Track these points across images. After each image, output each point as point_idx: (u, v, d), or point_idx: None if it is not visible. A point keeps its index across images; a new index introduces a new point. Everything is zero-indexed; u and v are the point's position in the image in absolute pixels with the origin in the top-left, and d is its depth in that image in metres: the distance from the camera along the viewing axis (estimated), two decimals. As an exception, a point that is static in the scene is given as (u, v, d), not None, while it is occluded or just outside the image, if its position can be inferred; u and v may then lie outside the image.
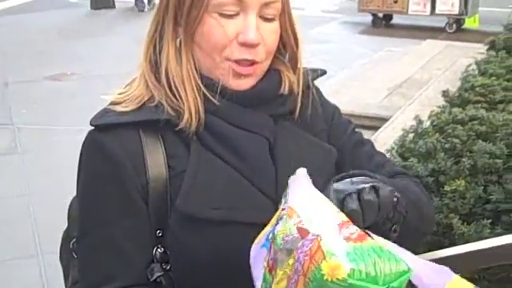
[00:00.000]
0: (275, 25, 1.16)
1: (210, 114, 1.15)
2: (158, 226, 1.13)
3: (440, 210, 2.33)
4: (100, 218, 1.15)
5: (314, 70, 1.33)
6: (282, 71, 1.22)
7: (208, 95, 1.14)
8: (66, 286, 1.35)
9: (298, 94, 1.24)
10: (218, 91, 1.14)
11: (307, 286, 0.90)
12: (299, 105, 1.25)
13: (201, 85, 1.15)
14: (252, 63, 1.14)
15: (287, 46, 1.22)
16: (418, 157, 2.54)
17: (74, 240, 1.26)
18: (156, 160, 1.14)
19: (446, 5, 10.74)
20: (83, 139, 1.21)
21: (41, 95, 7.43)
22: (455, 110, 2.83)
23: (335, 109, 1.37)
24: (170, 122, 1.14)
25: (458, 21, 10.94)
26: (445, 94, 3.35)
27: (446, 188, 2.33)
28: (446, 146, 2.49)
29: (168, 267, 1.14)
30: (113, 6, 12.82)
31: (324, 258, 0.87)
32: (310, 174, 1.05)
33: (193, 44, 1.15)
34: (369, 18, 11.85)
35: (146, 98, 1.17)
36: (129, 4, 12.79)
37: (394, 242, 1.07)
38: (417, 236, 1.28)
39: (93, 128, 1.17)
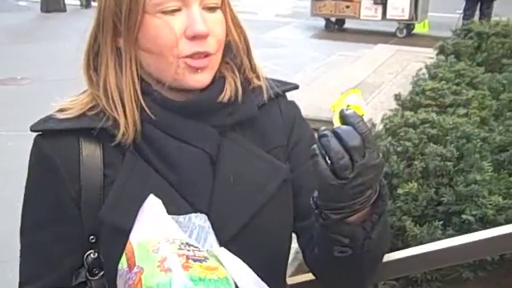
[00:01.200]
0: (219, 14, 1.14)
1: (149, 125, 1.14)
2: (92, 231, 1.14)
3: (393, 213, 2.37)
4: (33, 220, 1.18)
5: (285, 83, 1.30)
6: (227, 78, 1.19)
7: (147, 107, 1.13)
8: None
9: (250, 102, 1.21)
10: (158, 102, 1.13)
11: None
12: (254, 115, 1.22)
13: (140, 97, 1.13)
14: (206, 55, 1.12)
15: (233, 40, 1.19)
16: (371, 160, 2.57)
17: None
18: (92, 168, 1.14)
19: (396, 10, 10.97)
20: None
21: (-11, 100, 7.26)
22: (407, 113, 2.88)
23: (307, 131, 1.31)
24: (108, 131, 1.13)
25: (408, 26, 11.18)
26: (397, 97, 3.41)
27: (399, 191, 2.37)
28: (399, 149, 2.53)
29: (101, 273, 1.15)
30: (64, 10, 12.65)
31: None
32: (250, 190, 1.06)
33: (137, 50, 1.12)
34: (321, 23, 11.99)
35: (89, 106, 1.17)
36: (80, 7, 12.64)
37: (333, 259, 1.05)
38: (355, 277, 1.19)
39: (38, 133, 1.18)
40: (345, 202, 0.97)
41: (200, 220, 1.06)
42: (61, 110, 1.18)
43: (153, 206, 1.02)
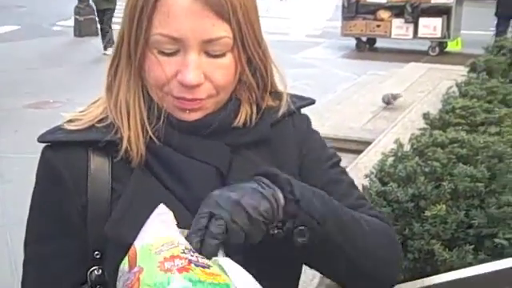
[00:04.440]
0: (225, 60, 1.08)
1: (157, 141, 1.12)
2: (96, 247, 1.12)
3: (421, 237, 2.27)
4: (37, 232, 1.17)
5: (302, 98, 1.28)
6: (243, 101, 1.16)
7: (153, 124, 1.13)
8: None
9: (263, 123, 1.19)
10: (164, 121, 1.12)
11: None
12: (267, 136, 1.20)
13: (145, 118, 1.13)
14: (196, 100, 1.09)
15: (246, 77, 1.15)
16: (397, 181, 2.48)
17: None
18: (100, 181, 1.12)
19: (428, 28, 10.86)
20: None
21: (22, 123, 7.36)
22: (436, 132, 2.78)
23: (317, 141, 1.29)
24: (116, 144, 1.12)
25: (440, 44, 11.06)
26: (425, 116, 3.31)
27: (427, 213, 2.27)
28: (426, 169, 2.43)
29: None
30: (96, 34, 12.83)
31: None
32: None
33: (142, 76, 1.13)
34: (352, 42, 11.94)
35: (99, 118, 1.16)
36: (113, 32, 12.81)
37: (303, 248, 1.04)
38: (346, 264, 1.14)
39: (46, 144, 1.16)
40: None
41: None
42: (70, 121, 1.17)
43: (161, 214, 1.01)
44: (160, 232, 0.98)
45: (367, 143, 4.95)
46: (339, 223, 1.09)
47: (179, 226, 1.01)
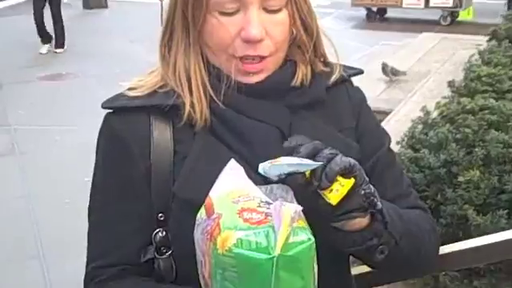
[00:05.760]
0: (281, 15, 1.12)
1: (220, 104, 1.14)
2: (161, 209, 1.14)
3: (454, 202, 2.30)
4: (103, 197, 1.19)
5: (351, 68, 1.29)
6: (298, 62, 1.19)
7: (215, 89, 1.15)
8: None
9: (318, 85, 1.21)
10: (228, 84, 1.14)
11: (211, 265, 0.90)
12: (323, 97, 1.21)
13: (206, 78, 1.15)
14: (260, 60, 1.12)
15: (299, 36, 1.18)
16: (429, 148, 2.50)
17: None
18: (162, 144, 1.15)
19: (440, -3, 10.76)
20: (80, 138, 1.22)
21: (36, 95, 7.38)
22: (463, 99, 2.79)
23: (372, 119, 1.31)
24: (179, 109, 1.14)
25: (452, 13, 10.95)
26: (451, 84, 3.31)
27: (460, 179, 2.30)
28: (458, 136, 2.46)
29: (169, 252, 1.15)
30: (105, 6, 12.77)
31: (219, 233, 0.88)
32: None
33: (201, 42, 1.15)
34: (362, 13, 11.84)
35: (159, 85, 1.18)
36: (122, 4, 12.75)
37: (380, 265, 1.09)
38: (408, 271, 1.26)
39: (109, 111, 1.19)
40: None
41: (282, 191, 1.03)
42: (131, 88, 1.19)
43: (234, 168, 1.03)
44: (235, 184, 0.99)
45: (383, 113, 4.96)
46: (410, 238, 1.14)
47: None
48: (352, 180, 0.99)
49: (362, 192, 1.01)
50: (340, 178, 0.98)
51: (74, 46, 9.46)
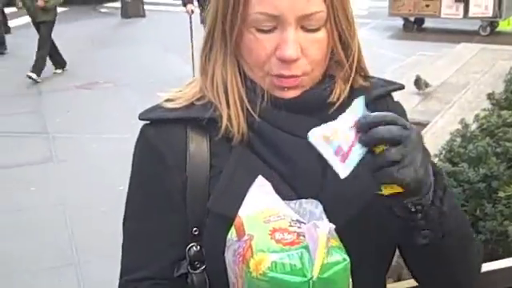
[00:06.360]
0: (320, 34, 1.10)
1: (257, 118, 1.13)
2: (195, 223, 1.13)
3: (494, 217, 2.24)
4: (138, 209, 1.19)
5: (392, 83, 1.27)
6: (337, 78, 1.17)
7: (252, 102, 1.14)
8: None
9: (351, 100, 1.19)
10: (265, 99, 1.13)
11: (244, 287, 0.89)
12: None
13: (242, 90, 1.14)
14: (295, 77, 1.11)
15: (337, 55, 1.15)
16: (467, 162, 2.45)
17: None
18: (199, 158, 1.14)
19: (479, 7, 10.61)
20: (116, 147, 1.22)
21: (74, 104, 7.50)
22: (504, 112, 2.73)
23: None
24: (216, 122, 1.13)
25: (491, 23, 10.79)
26: (490, 96, 3.25)
27: (500, 194, 2.24)
28: (498, 150, 2.40)
29: (203, 266, 1.14)
30: (143, 15, 12.93)
31: (252, 256, 0.87)
32: (360, 184, 1.03)
33: (239, 56, 1.14)
34: (399, 23, 11.75)
35: (197, 97, 1.18)
36: (159, 13, 12.89)
37: (420, 255, 1.06)
38: (451, 280, 1.18)
39: (146, 122, 1.19)
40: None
41: (311, 206, 1.02)
42: (168, 100, 1.19)
43: (262, 186, 1.02)
44: (265, 202, 0.98)
45: (419, 124, 4.88)
46: (460, 238, 1.11)
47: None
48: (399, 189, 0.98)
49: (410, 205, 1.01)
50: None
51: (111, 55, 9.59)
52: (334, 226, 0.91)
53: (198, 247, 1.14)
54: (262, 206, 0.98)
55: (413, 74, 7.20)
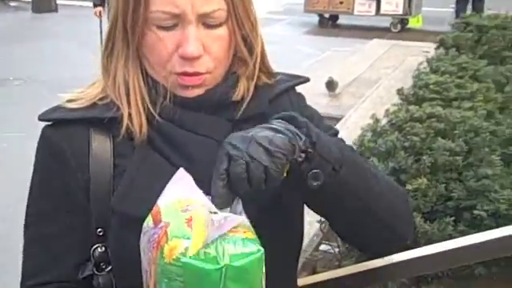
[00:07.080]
0: (221, 31, 1.10)
1: (159, 118, 1.13)
2: (100, 224, 1.12)
3: (402, 209, 2.32)
4: (39, 211, 1.16)
5: (296, 77, 1.29)
6: (240, 76, 1.17)
7: (154, 102, 1.13)
8: None
9: (260, 98, 1.19)
10: (167, 98, 1.12)
11: (156, 274, 0.88)
12: (264, 110, 1.19)
13: (144, 90, 1.13)
14: (198, 74, 1.11)
15: (240, 52, 1.16)
16: (377, 156, 2.52)
17: None
18: (102, 157, 1.13)
19: (390, 5, 10.94)
20: (28, 145, 1.18)
21: (-17, 101, 7.19)
22: (412, 107, 2.83)
23: (314, 114, 1.29)
24: (118, 121, 1.12)
25: (402, 21, 11.15)
26: (399, 91, 3.36)
27: (408, 187, 2.32)
28: (406, 144, 2.49)
29: (109, 268, 1.12)
30: (55, 10, 12.56)
31: (166, 242, 0.87)
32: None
33: (141, 55, 1.13)
34: (315, 19, 11.95)
35: (99, 97, 1.16)
36: (72, 8, 12.56)
37: (317, 192, 1.04)
38: (360, 211, 1.13)
39: (47, 123, 1.16)
40: None
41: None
42: (70, 100, 1.17)
43: (183, 177, 1.01)
44: (184, 192, 0.98)
45: (334, 119, 5.00)
46: (356, 169, 1.10)
47: None
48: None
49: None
50: None
51: (22, 51, 9.27)
52: (247, 220, 0.92)
53: (103, 248, 1.12)
54: (180, 196, 0.97)
55: (328, 69, 7.37)
